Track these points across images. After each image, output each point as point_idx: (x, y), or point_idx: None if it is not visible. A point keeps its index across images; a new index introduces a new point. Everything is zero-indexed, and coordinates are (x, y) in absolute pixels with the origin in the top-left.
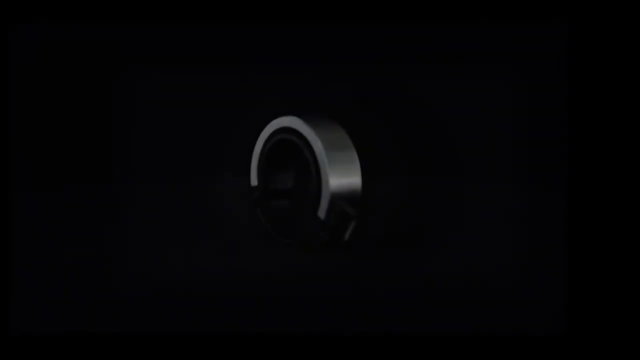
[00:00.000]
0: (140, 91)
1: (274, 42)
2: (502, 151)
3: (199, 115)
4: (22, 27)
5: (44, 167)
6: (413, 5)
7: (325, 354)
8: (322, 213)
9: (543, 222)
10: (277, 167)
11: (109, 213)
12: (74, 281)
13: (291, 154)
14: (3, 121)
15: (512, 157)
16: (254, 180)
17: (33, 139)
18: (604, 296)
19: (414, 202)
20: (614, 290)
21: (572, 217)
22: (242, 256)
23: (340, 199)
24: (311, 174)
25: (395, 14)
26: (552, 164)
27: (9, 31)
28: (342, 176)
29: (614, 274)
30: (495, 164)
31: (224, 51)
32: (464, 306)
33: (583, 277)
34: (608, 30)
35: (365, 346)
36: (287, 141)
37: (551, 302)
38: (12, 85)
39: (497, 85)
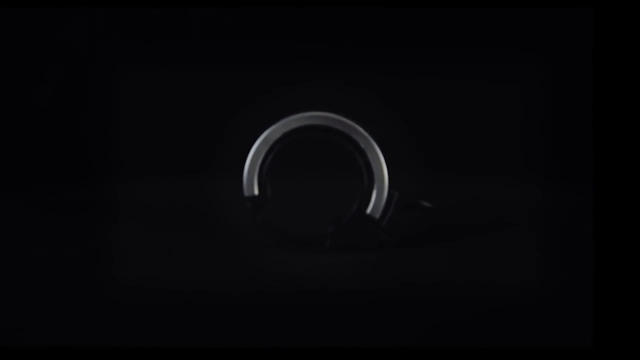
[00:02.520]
0: (135, 88)
1: (275, 36)
2: (523, 146)
3: (198, 115)
4: None
5: (26, 167)
6: None
7: None
8: (376, 212)
9: (570, 230)
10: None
11: (105, 214)
12: (66, 288)
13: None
14: None
15: (536, 153)
16: (253, 189)
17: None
18: (633, 308)
19: (433, 202)
20: None
21: (600, 225)
22: (243, 261)
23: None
24: (362, 172)
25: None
26: (578, 162)
27: None
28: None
29: None
30: (518, 160)
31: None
32: (488, 318)
33: (611, 288)
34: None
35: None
36: (310, 140)
37: (579, 314)
38: None
39: (519, 76)
